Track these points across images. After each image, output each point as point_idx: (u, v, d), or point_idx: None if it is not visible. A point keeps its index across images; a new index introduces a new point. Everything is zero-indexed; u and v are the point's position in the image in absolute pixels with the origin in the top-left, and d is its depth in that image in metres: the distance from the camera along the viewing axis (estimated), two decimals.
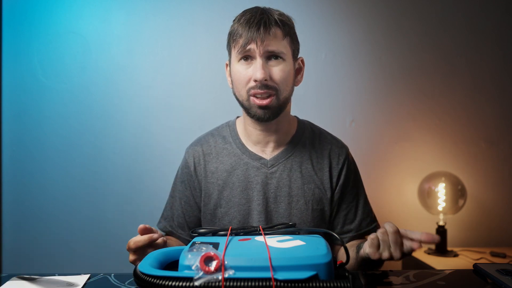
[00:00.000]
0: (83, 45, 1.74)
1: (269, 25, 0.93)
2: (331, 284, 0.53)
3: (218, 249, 0.59)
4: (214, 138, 1.08)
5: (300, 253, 0.58)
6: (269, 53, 0.93)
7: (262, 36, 0.92)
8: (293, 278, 0.54)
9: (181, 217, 1.07)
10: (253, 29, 0.92)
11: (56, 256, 1.73)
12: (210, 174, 1.04)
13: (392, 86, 1.84)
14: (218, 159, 1.04)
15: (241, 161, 1.02)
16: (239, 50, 0.94)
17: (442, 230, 1.69)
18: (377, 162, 1.83)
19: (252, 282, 0.53)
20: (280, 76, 0.94)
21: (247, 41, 0.92)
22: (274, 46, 0.93)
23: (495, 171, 1.86)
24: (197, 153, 1.06)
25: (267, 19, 0.94)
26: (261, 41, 0.92)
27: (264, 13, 0.95)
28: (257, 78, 0.92)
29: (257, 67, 0.92)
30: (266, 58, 0.94)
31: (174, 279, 0.54)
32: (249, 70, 0.94)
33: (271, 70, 0.94)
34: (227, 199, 1.01)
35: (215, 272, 0.54)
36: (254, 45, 0.92)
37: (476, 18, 1.85)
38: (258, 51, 0.92)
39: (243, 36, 0.93)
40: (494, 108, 1.86)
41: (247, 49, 0.93)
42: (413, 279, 0.70)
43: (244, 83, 0.95)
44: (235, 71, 0.97)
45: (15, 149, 1.74)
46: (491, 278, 0.68)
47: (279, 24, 0.94)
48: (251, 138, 1.04)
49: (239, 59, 0.95)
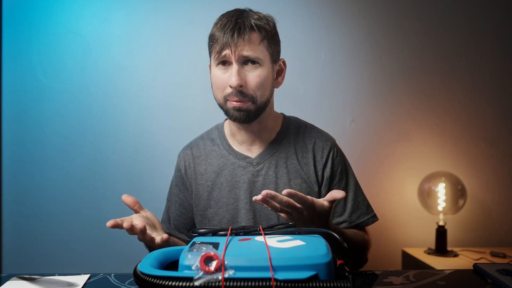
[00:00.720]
0: (83, 45, 1.74)
1: (244, 30, 0.92)
2: (331, 284, 0.53)
3: (218, 249, 0.59)
4: (203, 141, 1.10)
5: (300, 253, 0.58)
6: (244, 58, 0.93)
7: (236, 42, 0.91)
8: (293, 278, 0.54)
9: (177, 219, 1.10)
10: (227, 34, 0.92)
11: (56, 256, 1.73)
12: (200, 176, 1.05)
13: (392, 86, 1.84)
14: (206, 161, 1.06)
15: (228, 161, 1.04)
16: (215, 56, 0.95)
17: (442, 230, 1.69)
18: (377, 162, 1.83)
19: (252, 282, 0.53)
20: (256, 82, 0.94)
21: (222, 46, 0.93)
22: (249, 51, 0.92)
23: (495, 171, 1.86)
24: (187, 156, 1.09)
25: (242, 24, 0.93)
26: (235, 47, 0.91)
27: (240, 17, 0.95)
28: (232, 85, 0.92)
29: (232, 73, 0.92)
30: (242, 63, 0.94)
31: (174, 279, 0.54)
32: (226, 75, 0.94)
33: (247, 76, 0.93)
34: (216, 199, 1.02)
35: (215, 272, 0.54)
36: (229, 51, 0.92)
37: (476, 18, 1.85)
38: (233, 56, 0.92)
39: (219, 42, 0.93)
40: (494, 108, 1.86)
41: (223, 55, 0.93)
42: (413, 279, 0.70)
43: (221, 88, 0.96)
44: (213, 75, 0.98)
45: (15, 149, 1.74)
46: (491, 278, 0.68)
47: (254, 28, 0.94)
48: (237, 138, 1.05)
49: (217, 64, 0.96)
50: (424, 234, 1.82)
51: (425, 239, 1.82)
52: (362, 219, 1.03)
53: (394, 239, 1.83)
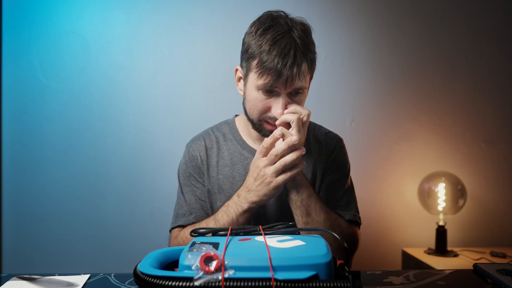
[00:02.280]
0: (83, 45, 1.74)
1: (301, 64, 0.87)
2: (331, 284, 0.53)
3: (218, 249, 0.59)
4: (214, 134, 1.09)
5: (300, 253, 0.58)
6: (294, 90, 0.90)
7: (292, 78, 0.86)
8: (293, 278, 0.54)
9: (198, 209, 1.04)
10: (285, 69, 0.85)
11: (56, 256, 1.73)
12: (211, 168, 1.05)
13: (392, 86, 1.84)
14: (219, 154, 1.05)
15: (241, 156, 1.04)
16: (262, 84, 0.88)
17: (442, 230, 1.69)
18: (377, 162, 1.83)
19: (252, 282, 0.53)
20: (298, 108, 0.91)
21: (276, 79, 0.86)
22: (299, 84, 0.89)
23: (495, 171, 1.86)
24: (201, 147, 1.07)
25: (299, 59, 0.85)
26: (291, 82, 0.87)
27: (297, 46, 0.86)
28: (277, 116, 0.89)
29: (279, 105, 0.89)
30: (289, 94, 0.91)
31: (174, 279, 0.54)
32: (269, 101, 0.91)
33: (291, 103, 0.91)
34: (227, 193, 1.02)
35: (215, 272, 0.54)
36: (282, 86, 0.88)
37: (476, 18, 1.85)
38: (284, 90, 0.89)
39: (271, 71, 0.85)
40: (494, 108, 1.86)
41: (274, 86, 0.88)
42: (413, 279, 0.70)
43: (260, 111, 0.93)
44: (253, 96, 0.92)
45: (15, 149, 1.73)
46: (491, 278, 0.67)
47: (307, 59, 0.89)
48: (252, 136, 1.05)
49: (259, 88, 0.90)
50: (424, 234, 1.82)
51: (425, 239, 1.82)
52: (348, 217, 1.01)
53: (394, 239, 1.83)
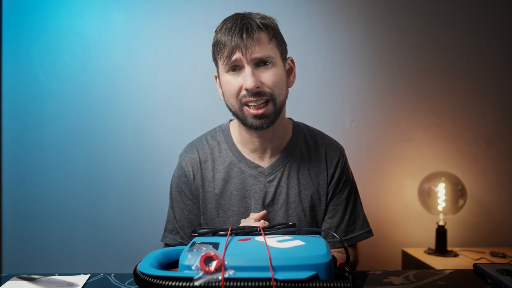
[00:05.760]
0: (83, 45, 1.74)
1: (252, 31, 0.89)
2: (331, 284, 0.53)
3: (218, 249, 0.59)
4: (208, 144, 1.05)
5: (300, 253, 0.58)
6: (257, 59, 0.90)
7: (246, 43, 0.88)
8: (293, 278, 0.54)
9: (186, 227, 1.03)
10: (235, 37, 0.88)
11: (56, 256, 1.73)
12: (207, 183, 1.01)
13: (392, 86, 1.84)
14: (214, 167, 1.02)
15: (238, 169, 1.00)
16: (225, 61, 0.91)
17: (442, 230, 1.69)
18: (377, 162, 1.83)
19: (252, 282, 0.53)
20: (272, 81, 0.91)
21: (231, 50, 0.89)
22: (260, 52, 0.89)
23: (495, 171, 1.86)
24: (194, 161, 1.03)
25: (249, 24, 0.90)
26: (246, 49, 0.88)
27: (245, 18, 0.91)
28: (248, 87, 0.89)
29: (247, 76, 0.89)
30: (255, 65, 0.90)
31: (174, 279, 0.54)
32: (239, 79, 0.91)
33: (262, 76, 0.90)
34: (225, 208, 1.00)
35: (215, 272, 0.54)
36: (240, 54, 0.89)
37: (476, 18, 1.85)
38: (244, 59, 0.89)
39: (227, 46, 0.89)
40: (494, 108, 1.86)
41: (234, 59, 0.89)
42: (413, 279, 0.70)
43: (235, 94, 0.92)
44: (224, 82, 0.94)
45: (15, 149, 1.73)
46: (491, 278, 0.67)
47: (262, 28, 0.91)
48: (248, 146, 1.01)
49: (227, 70, 0.92)
50: (424, 234, 1.82)
51: (425, 239, 1.82)
52: (357, 233, 1.02)
53: (394, 239, 1.83)
